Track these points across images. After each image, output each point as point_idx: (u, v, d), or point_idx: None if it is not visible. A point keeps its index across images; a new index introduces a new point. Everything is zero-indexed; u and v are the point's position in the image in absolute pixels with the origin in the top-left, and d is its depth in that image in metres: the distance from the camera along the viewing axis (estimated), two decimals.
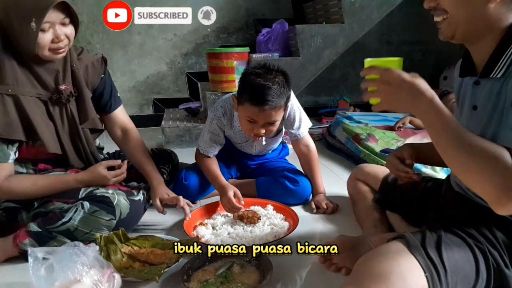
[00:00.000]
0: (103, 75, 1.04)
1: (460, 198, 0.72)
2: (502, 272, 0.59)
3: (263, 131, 1.04)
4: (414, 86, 0.54)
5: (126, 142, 1.09)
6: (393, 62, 0.58)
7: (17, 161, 0.91)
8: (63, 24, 0.85)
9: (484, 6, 0.58)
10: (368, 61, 0.59)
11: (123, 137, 1.10)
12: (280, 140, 1.29)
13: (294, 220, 1.00)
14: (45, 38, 0.82)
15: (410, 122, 1.70)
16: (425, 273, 0.55)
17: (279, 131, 1.22)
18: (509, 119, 0.56)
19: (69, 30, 0.86)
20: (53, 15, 0.82)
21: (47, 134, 0.90)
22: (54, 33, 0.83)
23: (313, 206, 1.13)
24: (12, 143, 0.87)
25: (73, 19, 0.86)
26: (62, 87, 0.91)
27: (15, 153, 0.89)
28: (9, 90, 0.84)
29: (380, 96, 0.57)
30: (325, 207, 1.12)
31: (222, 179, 1.12)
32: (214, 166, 1.16)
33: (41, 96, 0.90)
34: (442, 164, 0.85)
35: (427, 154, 0.84)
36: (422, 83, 0.55)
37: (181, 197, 1.03)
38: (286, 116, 1.15)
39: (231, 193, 1.04)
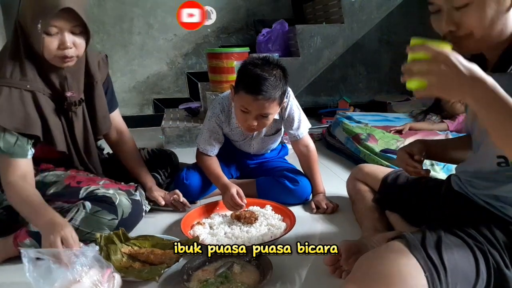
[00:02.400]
0: (107, 75, 1.05)
1: (460, 198, 0.72)
2: (502, 272, 0.59)
3: (255, 123, 1.04)
4: (473, 71, 0.49)
5: (121, 144, 1.11)
6: (446, 46, 0.50)
7: None
8: (73, 32, 0.84)
9: (506, 15, 0.57)
10: (416, 40, 0.51)
11: (119, 139, 1.11)
12: (279, 139, 1.29)
13: (291, 221, 1.00)
14: (52, 43, 0.82)
15: (411, 128, 1.70)
16: (425, 273, 0.55)
17: (277, 130, 1.22)
18: None
19: (79, 39, 0.85)
20: (61, 21, 0.81)
21: (57, 131, 0.90)
22: (61, 39, 0.82)
23: (313, 206, 1.13)
24: (30, 138, 0.87)
25: (86, 30, 0.85)
26: (68, 94, 0.91)
27: (31, 148, 0.88)
28: (28, 86, 0.84)
29: (430, 79, 0.50)
30: (325, 207, 1.12)
31: (225, 178, 1.13)
32: (216, 166, 1.16)
33: (49, 96, 0.90)
34: (452, 161, 0.86)
35: (438, 151, 0.85)
36: (479, 69, 0.50)
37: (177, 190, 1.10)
38: (285, 116, 1.15)
39: (233, 191, 1.05)
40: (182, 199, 1.12)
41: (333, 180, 1.40)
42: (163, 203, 1.10)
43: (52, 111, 0.90)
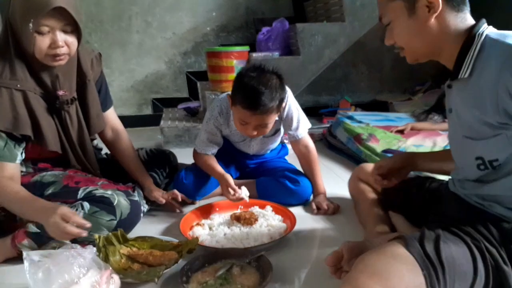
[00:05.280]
0: (100, 73, 1.04)
1: (457, 199, 0.73)
2: (501, 269, 0.59)
3: (255, 132, 1.05)
4: None
5: (117, 143, 1.10)
6: None
7: None
8: (65, 31, 0.83)
9: (426, 27, 0.64)
10: None
11: (114, 137, 1.11)
12: (279, 140, 1.29)
13: (292, 221, 0.99)
14: (43, 42, 0.81)
15: (412, 128, 1.69)
16: (422, 270, 0.55)
17: (277, 131, 1.22)
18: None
19: (70, 38, 0.84)
20: (53, 20, 0.80)
21: (49, 131, 0.90)
22: (53, 38, 0.82)
23: (314, 207, 1.12)
24: (19, 142, 0.86)
25: (77, 28, 0.85)
26: (60, 92, 0.90)
27: (21, 153, 0.88)
28: (18, 86, 0.84)
29: None
30: (326, 207, 1.11)
31: (220, 169, 1.13)
32: (212, 161, 1.17)
33: (41, 95, 0.89)
34: (443, 173, 0.89)
35: (426, 164, 0.88)
36: None
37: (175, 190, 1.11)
38: (284, 116, 1.14)
39: (231, 181, 1.06)
40: (180, 198, 1.11)
41: (334, 180, 1.39)
42: (163, 201, 1.09)
43: (44, 111, 0.89)
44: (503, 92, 0.56)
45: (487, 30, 0.63)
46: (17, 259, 0.86)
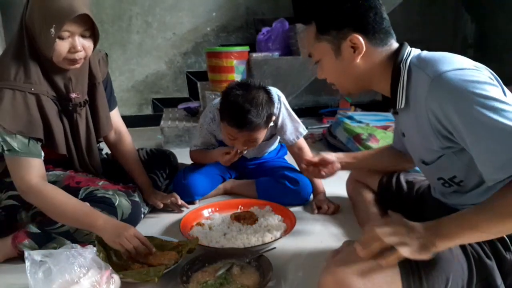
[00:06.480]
0: (106, 74, 1.05)
1: (441, 203, 0.75)
2: (484, 263, 0.58)
3: (244, 147, 1.06)
4: (420, 225, 0.54)
5: (119, 145, 1.11)
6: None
7: None
8: (83, 36, 0.84)
9: (353, 66, 0.66)
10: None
11: (117, 139, 1.11)
12: (276, 143, 1.29)
13: (291, 221, 0.99)
14: (63, 46, 0.82)
15: None
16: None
17: (272, 135, 1.22)
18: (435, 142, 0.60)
19: (88, 43, 0.85)
20: (74, 25, 0.81)
21: (60, 135, 0.90)
22: (72, 43, 0.82)
23: (314, 206, 1.12)
24: (37, 140, 0.86)
25: (94, 33, 0.85)
26: (73, 95, 0.91)
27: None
28: (32, 89, 0.84)
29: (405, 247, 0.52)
30: (326, 207, 1.11)
31: (211, 150, 1.17)
32: (205, 151, 1.21)
33: (54, 98, 0.90)
34: (388, 171, 0.95)
35: (362, 164, 0.94)
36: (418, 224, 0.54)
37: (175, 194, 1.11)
38: (278, 122, 1.15)
39: (223, 148, 1.09)
40: (180, 202, 1.12)
41: (334, 180, 1.38)
42: (161, 206, 1.09)
43: (55, 114, 0.89)
44: (434, 119, 0.58)
45: (411, 55, 0.64)
46: (17, 259, 0.87)
